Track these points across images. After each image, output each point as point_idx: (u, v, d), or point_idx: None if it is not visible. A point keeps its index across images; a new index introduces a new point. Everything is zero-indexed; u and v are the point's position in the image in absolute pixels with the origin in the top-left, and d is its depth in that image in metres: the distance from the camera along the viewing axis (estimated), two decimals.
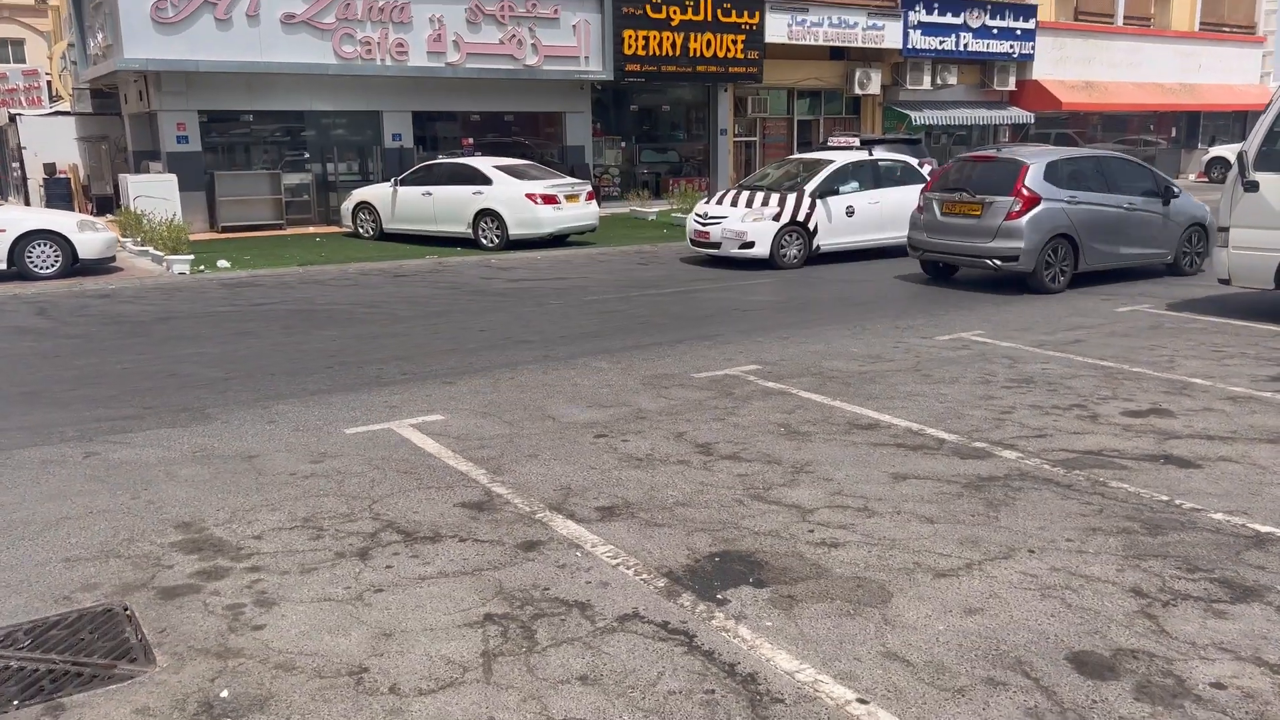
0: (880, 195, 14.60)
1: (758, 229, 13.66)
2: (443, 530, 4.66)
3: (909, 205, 14.21)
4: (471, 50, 20.80)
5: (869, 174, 14.73)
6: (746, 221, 13.74)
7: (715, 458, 5.68)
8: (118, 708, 3.21)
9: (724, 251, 13.95)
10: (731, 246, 13.82)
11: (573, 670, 3.43)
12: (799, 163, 15.32)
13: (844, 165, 14.49)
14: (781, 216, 13.71)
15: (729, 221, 13.94)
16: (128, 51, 17.49)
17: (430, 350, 8.66)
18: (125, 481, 5.30)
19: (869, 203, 14.49)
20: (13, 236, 12.45)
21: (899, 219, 14.23)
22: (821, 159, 14.91)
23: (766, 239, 13.64)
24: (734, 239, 13.78)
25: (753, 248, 13.63)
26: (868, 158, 14.94)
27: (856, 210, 14.34)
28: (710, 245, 14.15)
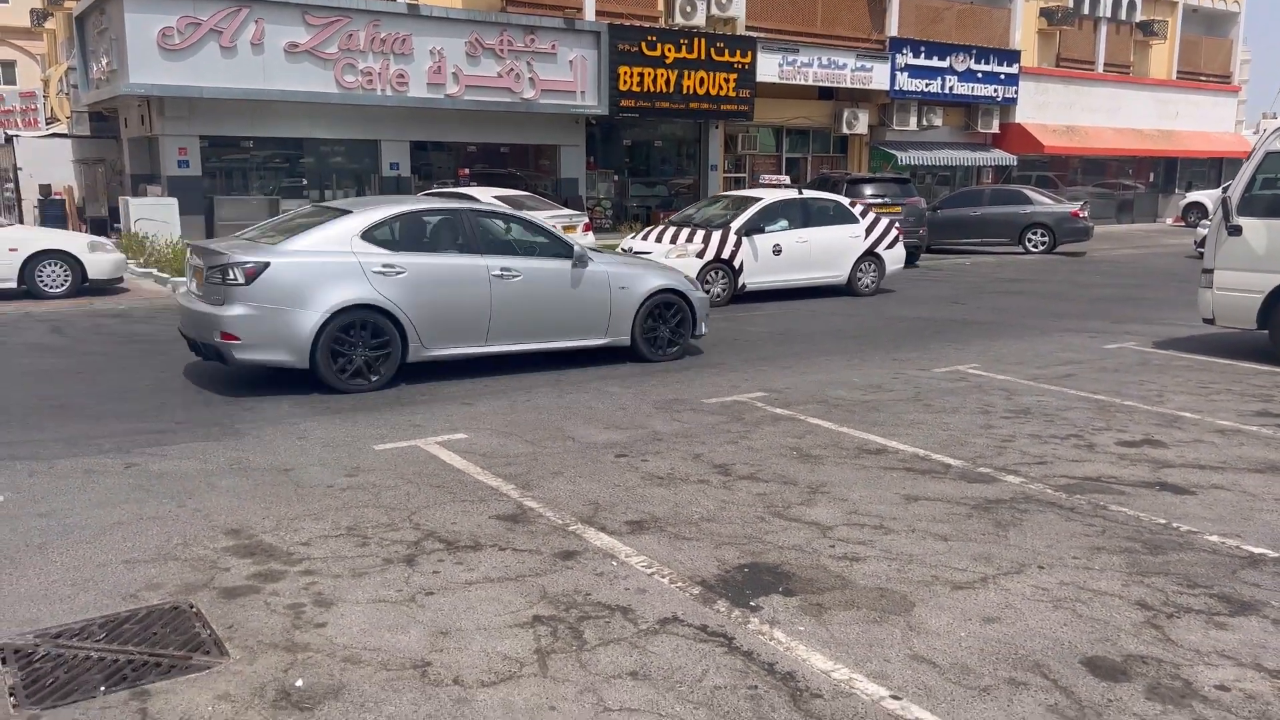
0: (809, 234, 14.46)
1: (682, 266, 12.62)
2: (482, 540, 4.88)
3: (839, 245, 14.77)
4: (470, 83, 21.19)
5: (798, 213, 14.58)
6: (670, 258, 13.18)
7: (734, 478, 5.93)
8: (200, 694, 3.41)
9: None
10: None
11: (623, 667, 3.66)
12: (731, 199, 15.25)
13: (772, 203, 14.37)
14: (706, 254, 13.50)
15: (654, 257, 13.20)
16: (133, 77, 17.74)
17: (442, 374, 8.88)
18: (169, 491, 5.49)
19: (797, 241, 14.30)
20: (24, 256, 12.62)
21: (827, 259, 14.62)
22: (750, 196, 14.80)
23: (691, 275, 12.62)
24: None
25: None
26: (797, 196, 14.90)
27: (784, 249, 14.16)
28: None
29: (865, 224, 15.06)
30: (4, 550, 4.61)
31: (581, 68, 22.65)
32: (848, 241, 14.85)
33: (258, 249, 7.86)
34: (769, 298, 14.48)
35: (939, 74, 29.35)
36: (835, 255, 14.73)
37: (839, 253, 14.77)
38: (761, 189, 15.81)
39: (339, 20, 19.38)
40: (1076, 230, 22.97)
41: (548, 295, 8.86)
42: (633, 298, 9.37)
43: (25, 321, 11.41)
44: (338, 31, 19.44)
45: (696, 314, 9.78)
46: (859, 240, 14.94)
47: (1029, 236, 23.04)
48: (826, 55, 27.05)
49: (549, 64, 22.16)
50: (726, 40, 24.71)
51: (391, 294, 7.98)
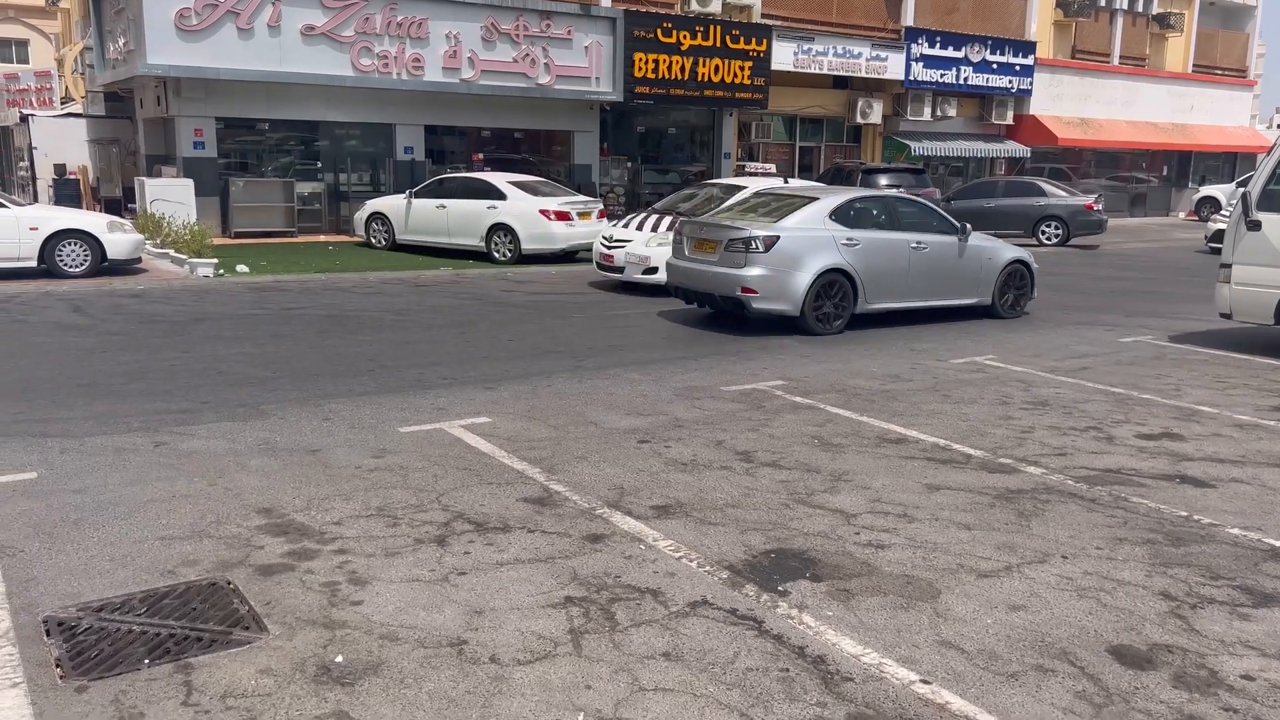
0: None
1: (662, 254, 12.66)
2: (511, 522, 4.94)
3: None
4: (486, 67, 21.18)
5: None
6: (651, 246, 13.01)
7: (756, 465, 5.98)
8: (243, 668, 3.48)
9: (627, 276, 13.29)
10: (635, 271, 13.17)
11: (655, 648, 3.72)
12: (718, 188, 14.55)
13: (755, 194, 13.43)
14: None
15: (633, 245, 13.25)
16: (150, 57, 17.76)
17: (464, 358, 8.94)
18: (199, 470, 5.55)
19: None
20: (44, 235, 12.68)
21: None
22: (736, 185, 14.20)
23: None
24: (637, 264, 13.12)
25: (655, 273, 12.86)
26: (782, 186, 14.18)
27: None
28: (614, 269, 13.48)
29: None
30: (41, 525, 4.68)
31: (597, 54, 22.61)
32: None
33: (767, 225, 10.37)
34: None
35: (954, 64, 29.24)
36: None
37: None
38: (747, 178, 15.06)
39: (356, 3, 19.36)
40: (1090, 223, 22.93)
41: (944, 263, 11.34)
42: (995, 266, 11.81)
43: (46, 300, 11.48)
44: (354, 14, 19.43)
45: (1034, 282, 12.24)
46: None
47: (1042, 229, 22.99)
48: (842, 44, 26.97)
49: (564, 49, 22.13)
50: (742, 28, 24.64)
51: (852, 261, 10.51)
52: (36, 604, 3.90)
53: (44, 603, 3.91)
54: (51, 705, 3.21)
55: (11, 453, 5.74)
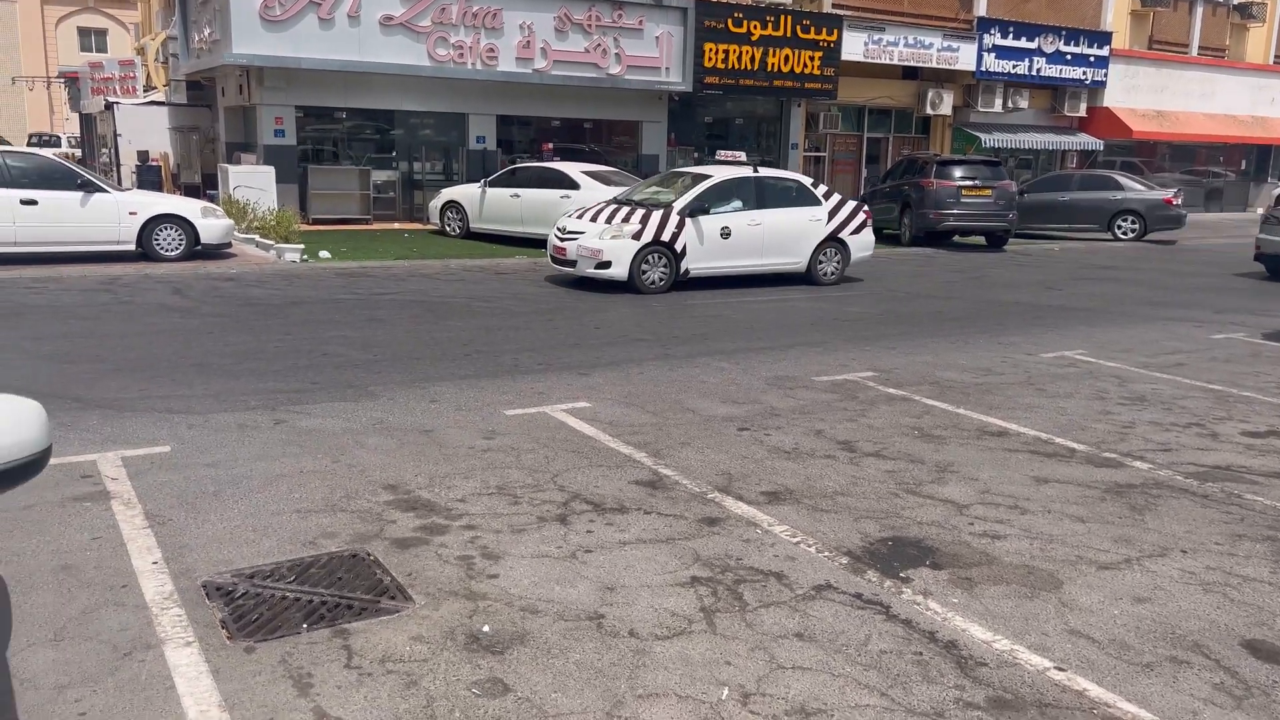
0: (763, 216, 13.14)
1: (615, 247, 12.13)
2: (627, 503, 5.05)
3: (797, 228, 13.41)
4: (558, 58, 21.32)
5: (752, 193, 13.24)
6: (604, 239, 12.21)
7: (860, 454, 6.03)
8: (395, 635, 3.63)
9: (579, 271, 12.44)
10: (587, 266, 12.31)
11: (787, 628, 3.80)
12: (687, 176, 13.76)
13: (722, 182, 13.06)
14: (643, 235, 12.22)
15: (585, 238, 12.38)
16: (235, 47, 18.18)
17: (555, 344, 9.09)
18: (321, 447, 5.75)
19: (748, 224, 13.00)
20: (143, 219, 13.10)
21: (784, 243, 13.36)
22: (702, 174, 13.49)
23: (625, 259, 12.13)
24: (589, 257, 12.27)
25: (609, 268, 12.17)
26: (751, 174, 13.46)
27: (733, 231, 12.87)
28: (567, 263, 12.64)
29: (829, 206, 13.74)
30: (184, 496, 4.90)
31: (667, 44, 22.64)
32: (807, 225, 13.56)
33: None
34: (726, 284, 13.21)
35: (1027, 55, 28.75)
36: (793, 240, 13.45)
37: (797, 237, 13.48)
38: (714, 166, 14.43)
39: None
40: (1169, 218, 22.45)
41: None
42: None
43: (147, 283, 11.87)
44: (431, 4, 19.68)
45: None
46: (820, 224, 13.64)
47: (1118, 223, 22.57)
48: (913, 34, 26.66)
49: (635, 40, 22.19)
50: (813, 18, 24.49)
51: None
52: (193, 569, 4.10)
53: (199, 569, 4.11)
54: (225, 664, 3.38)
55: (143, 427, 6.00)
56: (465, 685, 3.31)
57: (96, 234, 12.92)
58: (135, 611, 3.73)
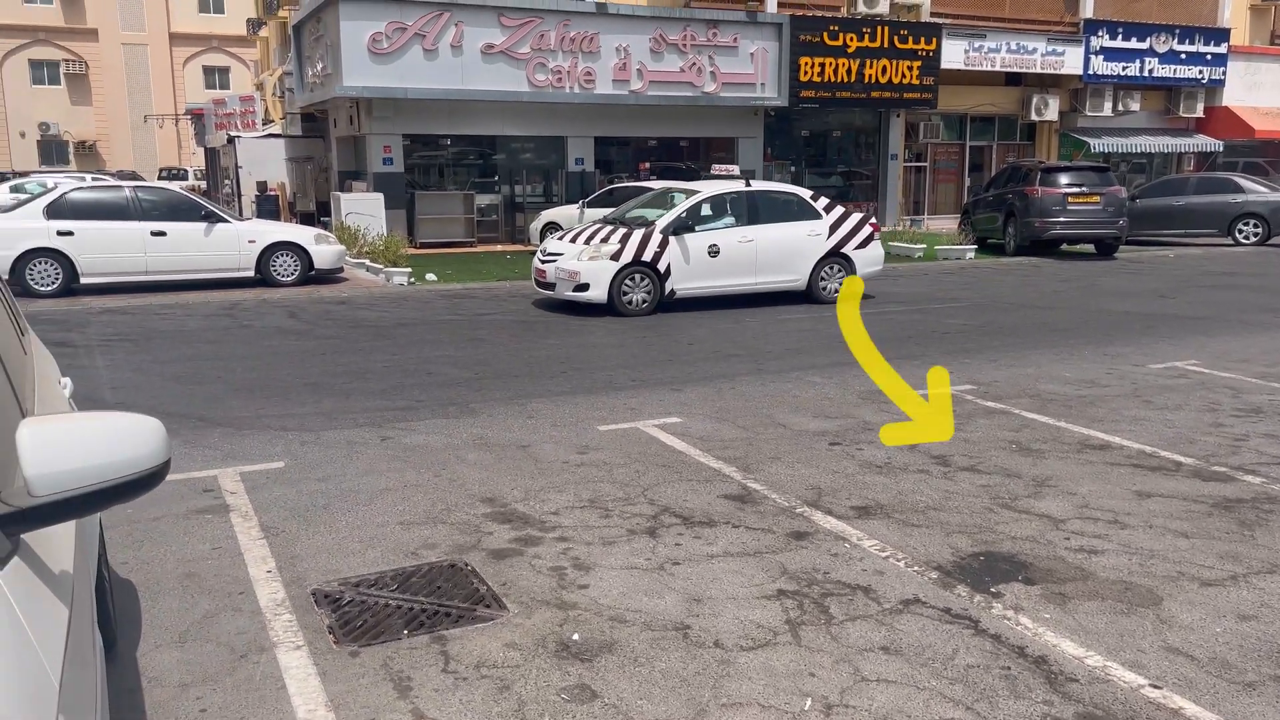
0: (755, 233, 12.49)
1: (593, 269, 11.72)
2: (715, 517, 5.13)
3: (794, 244, 12.72)
4: (654, 78, 21.62)
5: (744, 208, 12.64)
6: (582, 260, 11.81)
7: (954, 469, 5.97)
8: (490, 641, 3.79)
9: (559, 294, 12.05)
10: (566, 288, 11.92)
11: (873, 641, 3.82)
12: (677, 193, 13.17)
13: (709, 198, 12.52)
14: (622, 255, 11.74)
15: (563, 260, 11.97)
16: (346, 80, 19.03)
17: (648, 361, 9.23)
18: (424, 462, 6.01)
19: (739, 241, 12.38)
20: (261, 247, 13.83)
21: (780, 260, 12.65)
22: (691, 190, 12.88)
23: (604, 281, 11.69)
24: (567, 280, 11.87)
25: (587, 290, 11.75)
26: (743, 189, 12.86)
27: (722, 250, 12.26)
28: (547, 285, 12.26)
29: (829, 220, 13.00)
30: (296, 509, 5.19)
31: (762, 60, 22.72)
32: (805, 241, 12.83)
33: None
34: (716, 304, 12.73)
35: (1137, 56, 27.81)
36: (790, 256, 12.73)
37: (794, 253, 12.76)
38: (704, 182, 13.80)
39: (532, 21, 20.15)
40: None
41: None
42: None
43: (264, 307, 12.52)
44: (530, 32, 20.22)
45: None
46: (820, 239, 12.90)
47: (1239, 227, 21.56)
48: (1015, 40, 26.11)
49: (730, 57, 22.34)
50: (910, 27, 24.23)
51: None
52: (303, 578, 4.35)
53: (309, 577, 4.36)
54: (331, 667, 3.59)
55: (260, 444, 6.36)
56: (555, 691, 3.44)
57: (219, 262, 13.69)
58: (251, 617, 3.98)
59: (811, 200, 13.20)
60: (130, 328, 10.99)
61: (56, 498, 1.77)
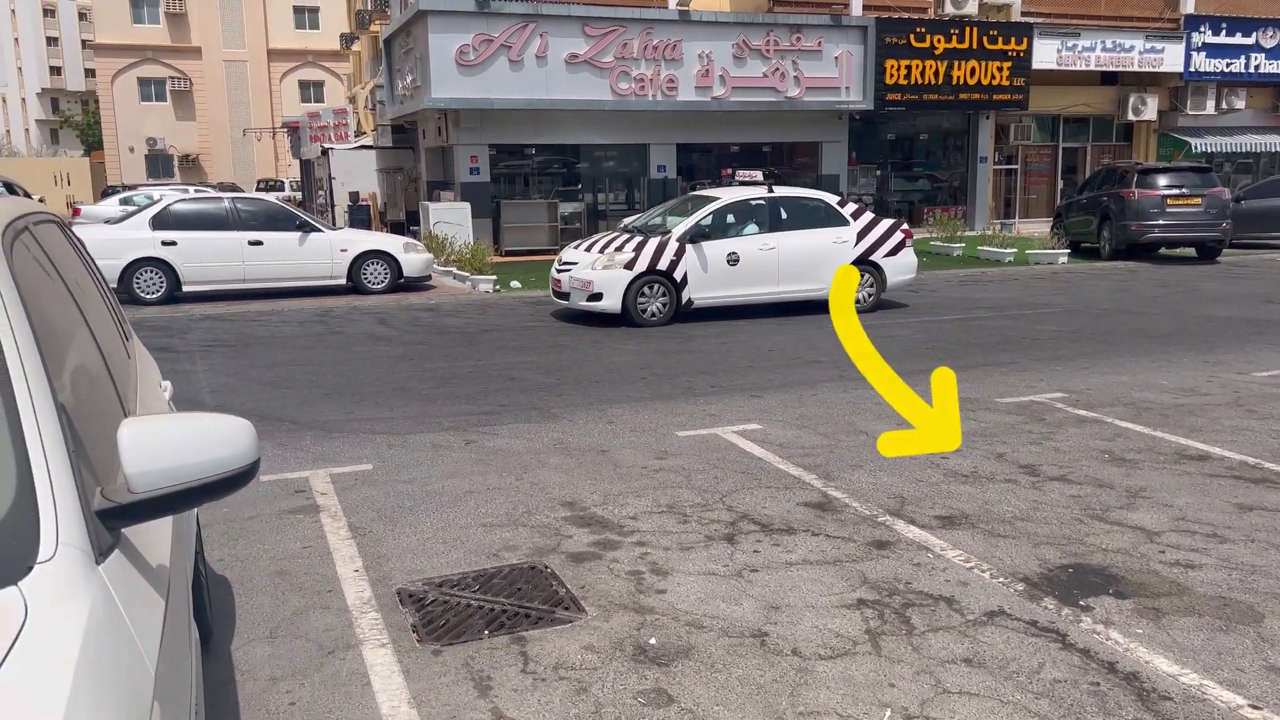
0: (777, 240, 12.07)
1: (606, 278, 11.43)
2: (794, 525, 5.10)
3: (819, 252, 12.26)
4: (736, 84, 21.58)
5: (766, 215, 12.22)
6: (596, 269, 11.52)
7: (1043, 479, 5.82)
8: (568, 644, 3.83)
9: (574, 304, 11.80)
10: (580, 298, 11.65)
11: (955, 653, 3.75)
12: (696, 200, 12.84)
13: (730, 204, 12.14)
14: (636, 264, 11.47)
15: (577, 269, 11.71)
16: (435, 92, 19.45)
17: (727, 366, 9.21)
18: (506, 466, 6.10)
19: (760, 249, 11.97)
20: (352, 255, 14.25)
21: (803, 269, 12.18)
22: (710, 197, 12.50)
23: (618, 290, 11.42)
24: (581, 289, 11.61)
25: (601, 300, 11.47)
26: (766, 195, 12.31)
27: (742, 258, 11.88)
28: (562, 295, 12.01)
29: (857, 227, 12.54)
30: (383, 510, 5.33)
31: (847, 63, 22.49)
32: (832, 248, 12.34)
33: None
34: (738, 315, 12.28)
35: (1242, 52, 26.70)
36: (814, 264, 12.23)
37: (819, 261, 12.24)
38: (726, 188, 13.20)
39: (615, 30, 20.32)
40: None
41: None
42: None
43: (355, 314, 12.88)
44: (614, 41, 20.39)
45: None
46: (847, 246, 12.42)
47: None
48: (1111, 38, 25.32)
49: (814, 61, 22.17)
50: (1000, 28, 23.71)
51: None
52: (389, 577, 4.46)
53: (394, 577, 4.47)
54: (415, 664, 3.68)
55: (350, 446, 6.55)
56: (631, 694, 3.46)
57: (313, 270, 14.13)
58: (338, 614, 4.10)
59: (838, 206, 12.79)
60: (228, 334, 11.42)
61: (154, 494, 1.85)
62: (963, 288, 15.26)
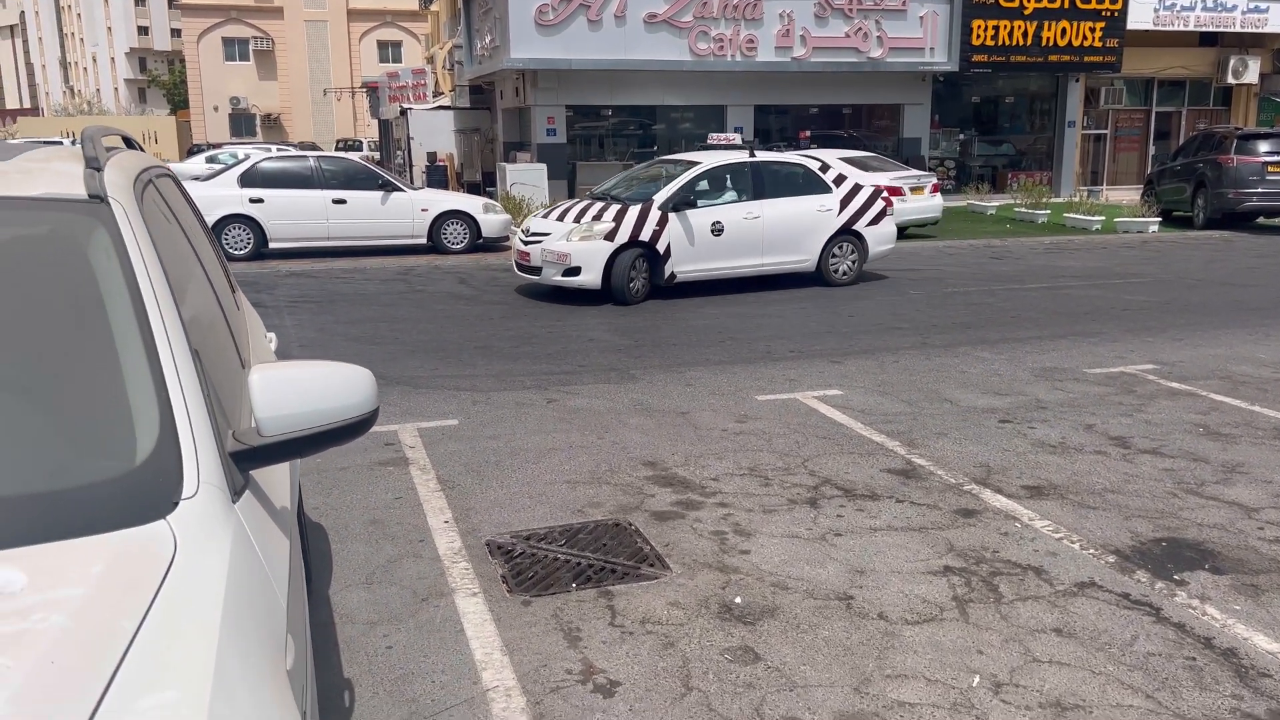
0: (761, 208, 11.14)
1: (584, 250, 10.35)
2: (878, 491, 5.07)
3: (804, 221, 11.43)
4: (817, 44, 21.19)
5: (748, 181, 11.29)
6: (571, 241, 10.43)
7: (1134, 451, 5.69)
8: (654, 599, 3.89)
9: (546, 279, 10.66)
10: (554, 273, 10.54)
11: (1045, 623, 3.71)
12: (672, 165, 11.84)
13: (710, 170, 11.19)
14: (617, 235, 10.40)
15: (550, 240, 10.59)
16: (513, 52, 19.48)
17: (807, 332, 9.15)
18: (587, 424, 6.17)
19: (744, 217, 11.03)
20: (433, 215, 14.43)
21: (788, 239, 11.36)
22: (690, 161, 11.48)
23: (597, 264, 10.36)
24: (555, 263, 10.49)
25: (579, 275, 10.40)
26: (747, 159, 11.42)
27: (727, 227, 10.94)
28: (531, 270, 10.87)
29: (840, 194, 11.72)
30: (470, 464, 5.44)
31: (932, 24, 21.91)
32: (816, 217, 11.53)
33: None
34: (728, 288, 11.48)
35: None
36: (799, 235, 11.45)
37: (804, 231, 11.48)
38: (703, 153, 12.03)
39: None
40: None
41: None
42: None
43: (436, 273, 13.07)
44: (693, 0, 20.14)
45: None
46: (831, 215, 11.61)
47: None
48: None
49: (898, 21, 21.64)
50: None
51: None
52: (478, 529, 4.57)
53: (483, 529, 4.57)
54: (505, 614, 3.77)
55: (436, 402, 6.68)
56: (718, 650, 3.50)
57: (394, 229, 14.35)
58: (430, 563, 4.22)
59: (820, 172, 11.91)
60: (314, 290, 11.69)
61: (282, 438, 1.93)
62: (1048, 255, 14.87)
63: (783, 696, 3.22)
